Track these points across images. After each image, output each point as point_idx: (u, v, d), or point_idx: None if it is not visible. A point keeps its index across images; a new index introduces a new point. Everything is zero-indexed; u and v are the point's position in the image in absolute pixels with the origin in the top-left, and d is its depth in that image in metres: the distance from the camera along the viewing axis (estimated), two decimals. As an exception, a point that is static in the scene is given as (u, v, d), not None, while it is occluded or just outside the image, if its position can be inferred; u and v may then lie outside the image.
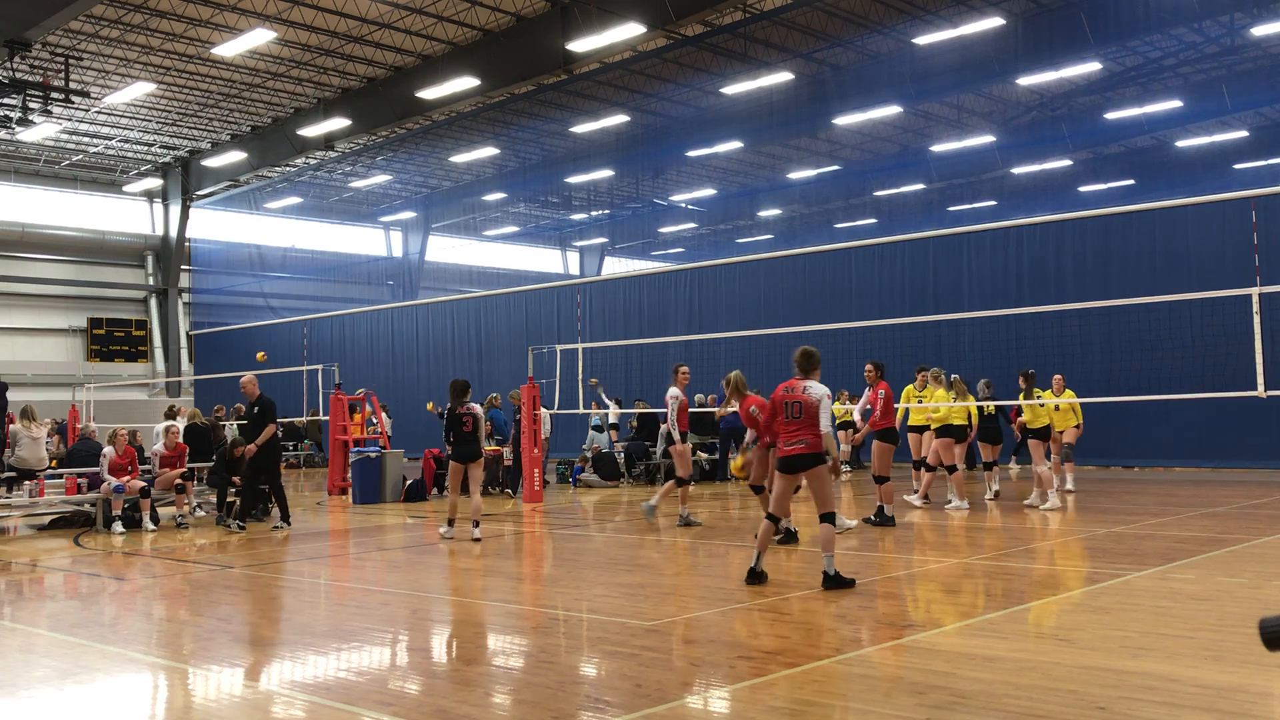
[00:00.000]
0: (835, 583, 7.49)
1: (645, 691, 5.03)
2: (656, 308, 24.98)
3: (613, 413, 20.22)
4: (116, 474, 13.03)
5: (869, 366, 12.20)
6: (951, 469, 13.29)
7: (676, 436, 11.95)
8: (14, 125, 24.33)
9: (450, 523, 11.49)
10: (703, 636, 6.17)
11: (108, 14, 23.12)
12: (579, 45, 22.19)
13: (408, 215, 41.46)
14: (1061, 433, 14.66)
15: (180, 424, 14.70)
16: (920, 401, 13.85)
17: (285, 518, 12.96)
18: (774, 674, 5.27)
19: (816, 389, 7.92)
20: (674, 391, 12.08)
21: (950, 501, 13.07)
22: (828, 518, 7.72)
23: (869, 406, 12.15)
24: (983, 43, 22.40)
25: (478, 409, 11.81)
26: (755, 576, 7.76)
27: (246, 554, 10.90)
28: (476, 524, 11.22)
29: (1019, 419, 13.92)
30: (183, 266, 37.84)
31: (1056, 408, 14.34)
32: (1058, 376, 14.93)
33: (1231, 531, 10.47)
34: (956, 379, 13.59)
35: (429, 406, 20.09)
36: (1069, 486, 14.67)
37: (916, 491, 13.84)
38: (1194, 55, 25.60)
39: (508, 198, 38.50)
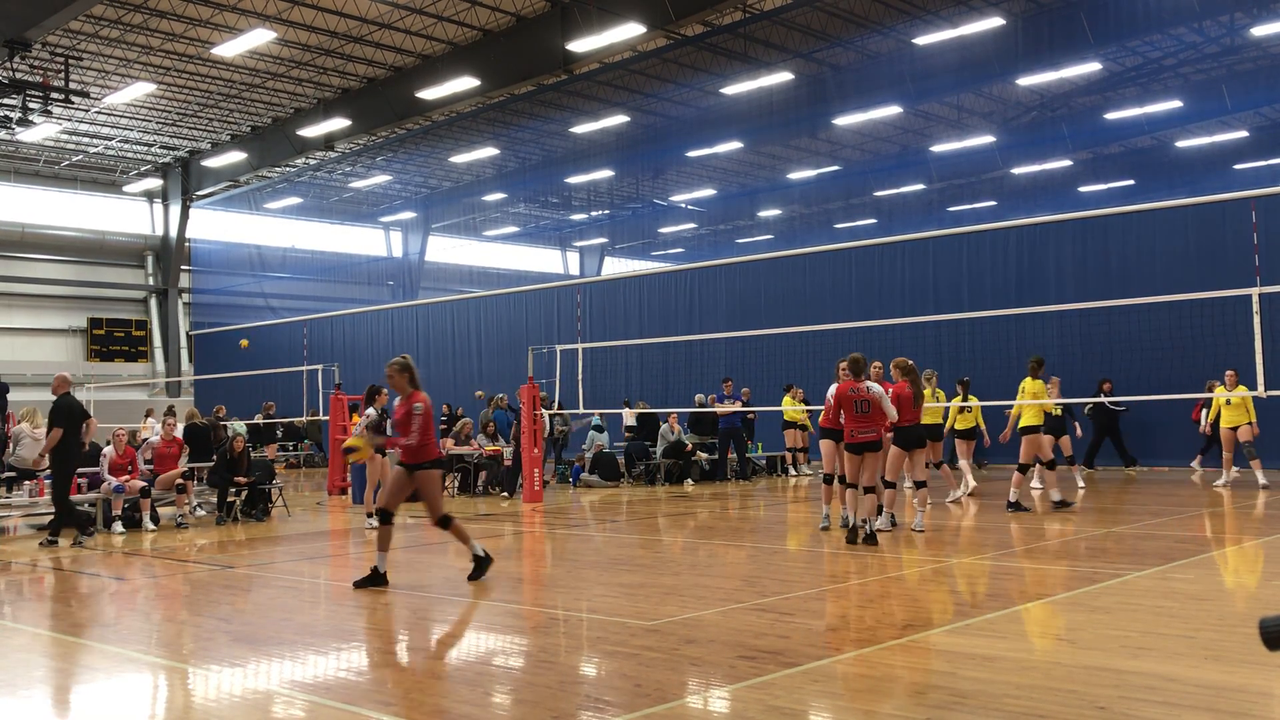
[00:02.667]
0: (871, 539, 9.75)
1: (645, 691, 5.03)
2: (656, 308, 24.98)
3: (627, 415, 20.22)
4: (116, 474, 13.03)
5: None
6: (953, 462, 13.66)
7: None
8: (14, 125, 24.32)
9: (370, 514, 12.22)
10: (703, 636, 6.17)
11: (108, 14, 23.11)
12: (579, 45, 22.19)
13: (408, 215, 41.45)
14: (1235, 429, 14.54)
15: (174, 420, 14.71)
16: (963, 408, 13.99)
17: (56, 531, 11.58)
18: (774, 674, 5.27)
19: (875, 387, 10.02)
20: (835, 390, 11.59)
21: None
22: (871, 490, 10.01)
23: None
24: (983, 43, 22.39)
25: (370, 414, 12.35)
26: (848, 526, 10.13)
27: (246, 554, 10.90)
28: (369, 515, 12.17)
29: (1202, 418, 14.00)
30: (183, 267, 37.85)
31: (1228, 402, 14.17)
32: (1231, 372, 14.51)
33: (1231, 531, 10.46)
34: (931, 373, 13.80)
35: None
36: (1263, 482, 14.48)
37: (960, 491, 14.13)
38: (1194, 55, 25.60)
39: (508, 198, 38.51)
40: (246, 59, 26.18)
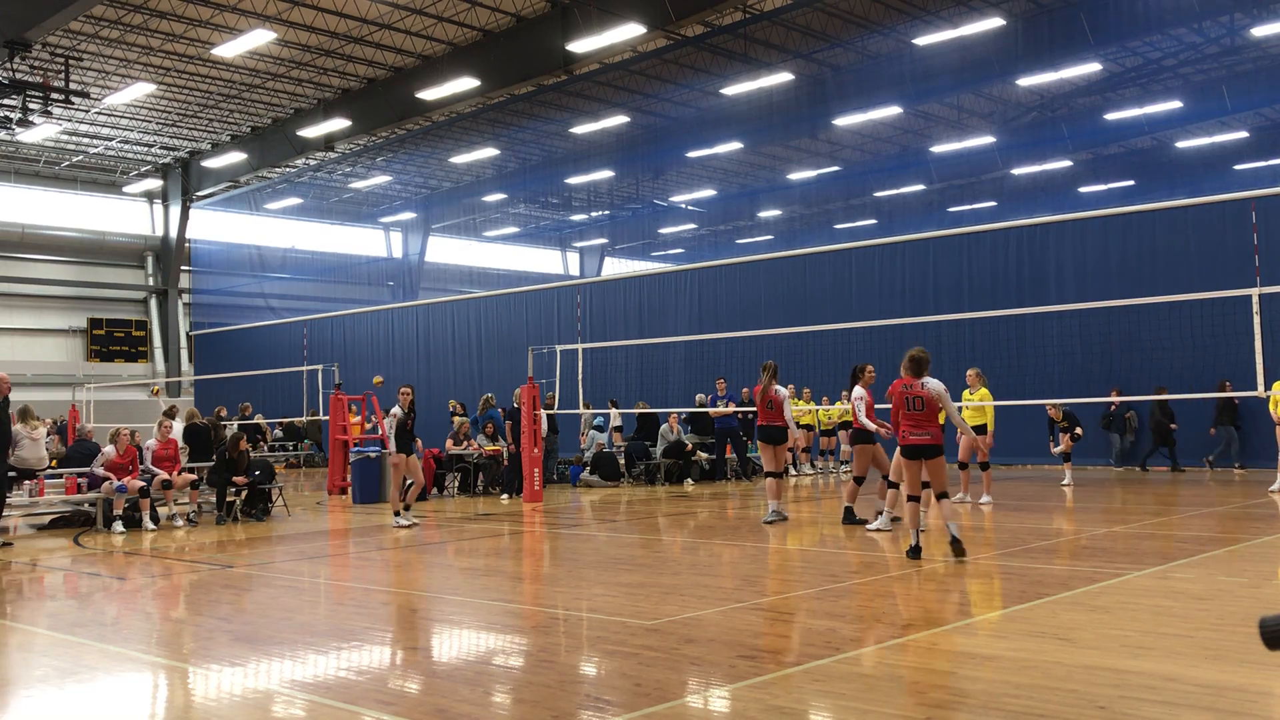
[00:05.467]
0: (959, 548, 8.66)
1: (645, 691, 5.03)
2: (656, 308, 24.97)
3: (614, 415, 20.22)
4: (117, 474, 13.03)
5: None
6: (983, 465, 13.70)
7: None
8: (14, 126, 24.32)
9: (396, 513, 12.76)
10: (703, 636, 6.17)
11: (108, 14, 23.12)
12: (579, 45, 22.19)
13: (408, 216, 41.48)
14: None
15: (176, 423, 14.71)
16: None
17: None
18: (774, 674, 5.27)
19: (933, 384, 9.03)
20: (859, 391, 11.65)
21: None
22: (945, 495, 9.05)
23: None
24: (983, 43, 22.40)
25: (395, 412, 13.03)
26: (915, 551, 8.80)
27: (246, 554, 10.90)
28: (396, 513, 12.68)
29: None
30: (183, 267, 37.87)
31: None
32: None
33: (1231, 531, 10.47)
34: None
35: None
36: None
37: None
38: (1194, 55, 25.61)
39: (508, 198, 38.54)
40: (246, 59, 26.18)
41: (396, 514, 12.68)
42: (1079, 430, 15.98)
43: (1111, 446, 19.30)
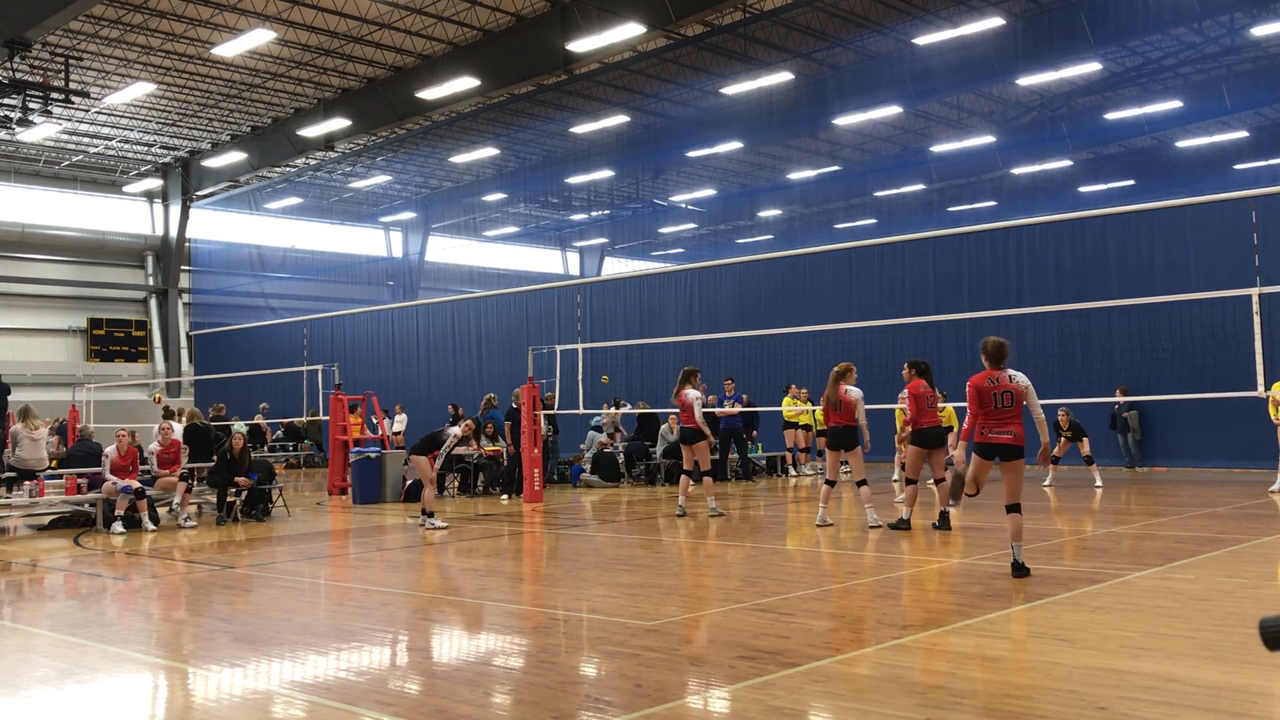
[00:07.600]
0: (1021, 570, 7.85)
1: (645, 691, 5.03)
2: (656, 308, 24.97)
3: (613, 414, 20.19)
4: (119, 474, 13.03)
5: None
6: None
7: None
8: (14, 125, 24.31)
9: (430, 514, 12.60)
10: (703, 636, 6.17)
11: (108, 14, 23.12)
12: (579, 45, 22.19)
13: (408, 216, 41.46)
14: None
15: (175, 424, 14.72)
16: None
17: None
18: (774, 674, 5.27)
19: (1021, 378, 8.07)
20: (693, 393, 12.95)
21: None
22: (1016, 508, 8.02)
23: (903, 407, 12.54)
24: (983, 43, 22.39)
25: (466, 423, 13.54)
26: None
27: (246, 554, 10.90)
28: (431, 514, 12.52)
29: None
30: (183, 267, 37.85)
31: None
32: None
33: (1231, 531, 10.46)
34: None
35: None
36: None
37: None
38: (1194, 55, 25.60)
39: (508, 198, 38.51)
40: (246, 59, 26.17)
41: (431, 515, 12.48)
42: (1085, 446, 15.93)
43: (1120, 447, 19.26)
